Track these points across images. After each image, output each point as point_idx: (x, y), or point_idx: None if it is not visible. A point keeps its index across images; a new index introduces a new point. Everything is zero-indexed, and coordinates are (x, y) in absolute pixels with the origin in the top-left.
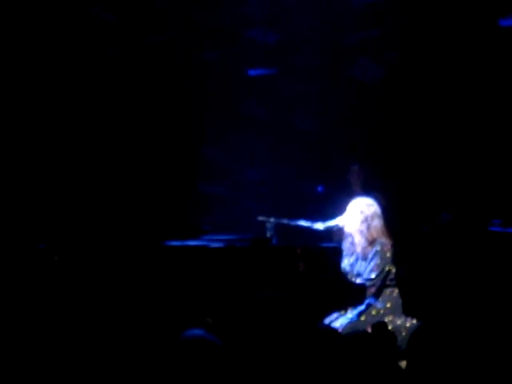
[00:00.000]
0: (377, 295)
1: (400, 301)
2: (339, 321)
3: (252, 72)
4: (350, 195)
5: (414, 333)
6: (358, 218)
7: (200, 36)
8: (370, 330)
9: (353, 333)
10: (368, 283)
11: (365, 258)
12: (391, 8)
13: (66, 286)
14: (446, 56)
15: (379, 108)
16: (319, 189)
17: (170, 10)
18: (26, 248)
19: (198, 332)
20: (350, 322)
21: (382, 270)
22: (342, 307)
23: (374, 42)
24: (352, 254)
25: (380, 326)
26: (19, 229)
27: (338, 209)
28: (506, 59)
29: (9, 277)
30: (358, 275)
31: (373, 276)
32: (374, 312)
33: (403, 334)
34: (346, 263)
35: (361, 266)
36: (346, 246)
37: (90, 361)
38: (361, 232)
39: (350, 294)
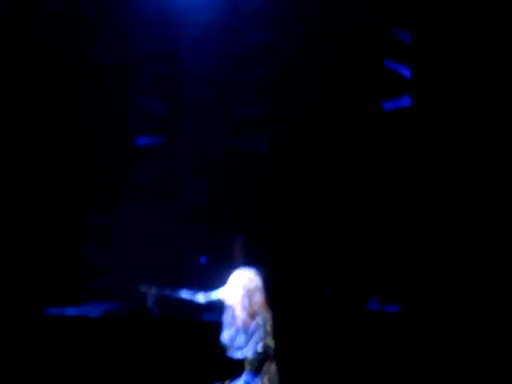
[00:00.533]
0: (257, 370)
1: (278, 374)
2: None
3: (141, 141)
4: (233, 267)
5: None
6: (239, 291)
7: (90, 101)
8: None
9: None
10: (252, 356)
11: (245, 331)
12: (280, 83)
13: None
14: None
15: (265, 180)
16: (202, 260)
17: (61, 70)
18: None
19: None
20: None
21: (264, 346)
22: (221, 380)
23: (261, 115)
24: (233, 325)
25: None
26: None
27: (220, 280)
28: (390, 143)
29: None
30: (239, 348)
31: (258, 349)
32: None
33: None
34: (226, 336)
35: (241, 339)
36: (226, 318)
37: None
38: (242, 305)
39: (229, 367)
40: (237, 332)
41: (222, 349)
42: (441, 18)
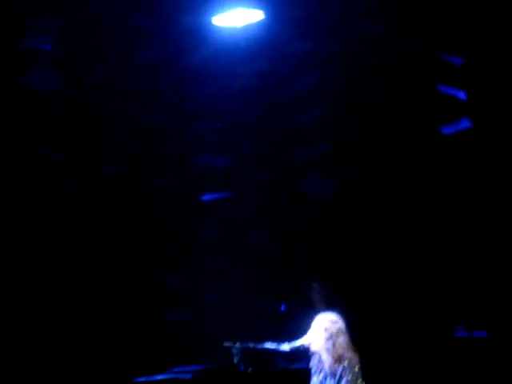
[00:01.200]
0: None
1: None
2: None
3: (205, 197)
4: (314, 312)
5: None
6: (322, 335)
7: (152, 165)
8: None
9: None
10: None
11: (333, 375)
12: (336, 123)
13: None
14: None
15: (333, 223)
16: (282, 307)
17: (119, 142)
18: None
19: None
20: None
21: None
22: None
23: (323, 157)
24: (320, 371)
25: None
26: None
27: (302, 327)
28: (451, 166)
29: None
30: None
31: None
32: None
33: None
34: (314, 381)
35: (330, 383)
36: (313, 363)
37: None
38: (327, 350)
39: None
40: (325, 377)
41: None
42: (489, 37)
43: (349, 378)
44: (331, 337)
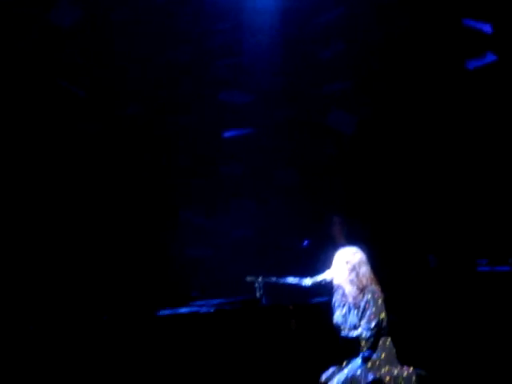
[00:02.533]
0: (373, 347)
1: (394, 350)
2: (336, 377)
3: (227, 133)
4: (335, 248)
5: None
6: (345, 267)
7: (174, 103)
8: None
9: None
10: (367, 334)
11: (357, 308)
12: (360, 58)
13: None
14: (418, 104)
15: (356, 158)
16: (304, 243)
17: (142, 79)
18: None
19: None
20: (347, 378)
21: (379, 319)
22: (338, 362)
23: (346, 92)
24: (344, 305)
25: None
26: None
27: (324, 262)
28: (476, 102)
29: None
30: (353, 327)
31: (372, 325)
32: (369, 364)
33: (402, 383)
34: (338, 315)
35: (354, 317)
36: (337, 297)
37: None
38: (351, 281)
39: (344, 347)
40: (349, 310)
41: (335, 330)
42: None
43: (373, 311)
44: (354, 268)
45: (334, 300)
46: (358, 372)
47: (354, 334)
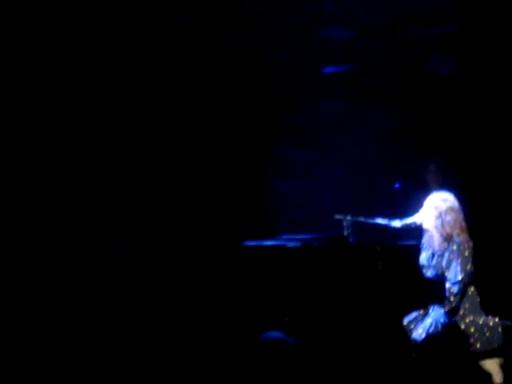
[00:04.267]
0: (460, 300)
1: (478, 299)
2: (421, 325)
3: (327, 70)
4: (428, 192)
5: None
6: (432, 213)
7: (274, 35)
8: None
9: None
10: (455, 288)
11: (441, 255)
12: (469, 4)
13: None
14: None
15: (456, 105)
16: (396, 185)
17: (243, 10)
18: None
19: (277, 334)
20: (431, 326)
21: (465, 272)
22: (423, 306)
23: (450, 37)
24: (429, 248)
25: (453, 327)
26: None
27: (415, 205)
28: None
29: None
30: (436, 273)
31: (459, 279)
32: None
33: (487, 334)
34: (423, 257)
35: (437, 263)
36: (425, 240)
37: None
38: (436, 227)
39: (430, 291)
40: (433, 255)
41: (420, 274)
42: None
43: (458, 262)
44: (440, 215)
45: (422, 241)
46: (442, 320)
47: (439, 279)
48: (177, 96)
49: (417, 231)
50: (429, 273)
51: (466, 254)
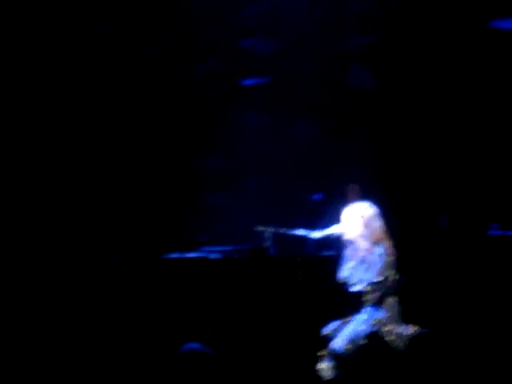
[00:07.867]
0: (378, 303)
1: (400, 308)
2: (340, 333)
3: (248, 81)
4: (347, 203)
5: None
6: (358, 222)
7: (195, 47)
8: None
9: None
10: (369, 288)
11: (366, 262)
12: (389, 14)
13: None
14: (441, 61)
15: (375, 116)
16: (316, 196)
17: (164, 22)
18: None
19: (195, 345)
20: (351, 334)
21: (386, 277)
22: (342, 316)
23: (371, 48)
24: (353, 259)
25: (375, 336)
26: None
27: (335, 216)
28: (499, 61)
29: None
30: (360, 281)
31: (378, 280)
32: (374, 322)
33: (404, 343)
34: (346, 269)
35: (362, 272)
36: (347, 252)
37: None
38: (364, 236)
39: (349, 301)
40: (358, 264)
41: (340, 284)
42: None
43: (381, 266)
44: (367, 221)
45: (343, 253)
46: (362, 328)
47: (359, 287)
48: (101, 109)
49: (336, 242)
50: (352, 285)
51: (390, 259)
